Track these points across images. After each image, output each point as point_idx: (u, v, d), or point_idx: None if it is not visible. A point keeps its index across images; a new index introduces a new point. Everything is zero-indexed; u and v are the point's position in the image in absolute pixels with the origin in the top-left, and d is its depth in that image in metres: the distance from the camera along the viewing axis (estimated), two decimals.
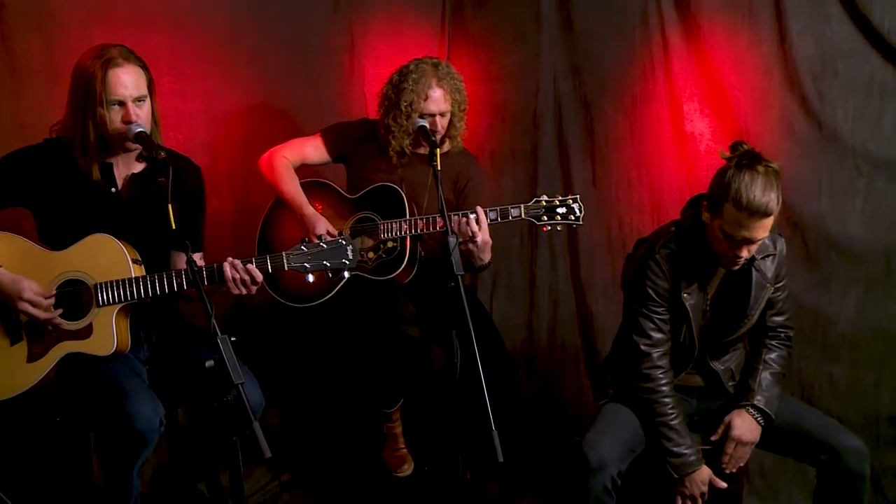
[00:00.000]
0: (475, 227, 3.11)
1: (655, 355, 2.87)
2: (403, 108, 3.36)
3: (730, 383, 3.02)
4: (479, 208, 3.15)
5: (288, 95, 3.96)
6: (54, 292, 2.71)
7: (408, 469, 3.56)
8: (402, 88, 3.37)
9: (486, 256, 3.22)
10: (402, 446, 3.57)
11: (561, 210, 3.22)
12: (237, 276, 2.67)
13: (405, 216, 3.33)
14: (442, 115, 3.39)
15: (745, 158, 2.66)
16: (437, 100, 3.36)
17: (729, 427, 2.92)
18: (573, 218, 3.22)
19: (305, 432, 3.88)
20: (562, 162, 4.18)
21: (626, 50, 4.01)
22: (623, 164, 4.08)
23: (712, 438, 2.96)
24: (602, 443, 2.83)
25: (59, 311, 2.70)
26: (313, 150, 3.51)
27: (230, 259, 2.68)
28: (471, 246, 3.13)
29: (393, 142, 3.42)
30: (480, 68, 4.21)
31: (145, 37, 3.47)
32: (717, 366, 3.00)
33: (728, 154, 2.72)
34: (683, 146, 3.97)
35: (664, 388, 2.85)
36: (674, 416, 2.84)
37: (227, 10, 3.80)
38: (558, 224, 3.23)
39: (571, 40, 4.12)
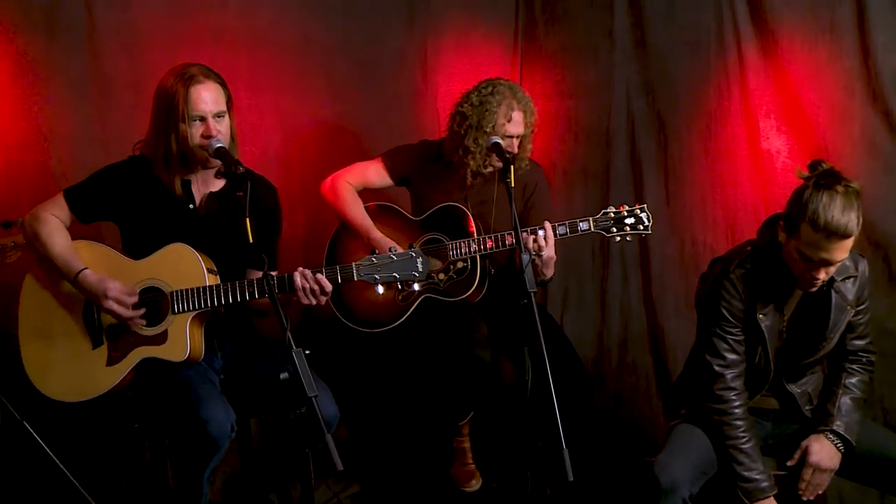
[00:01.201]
0: (542, 243, 3.12)
1: (729, 376, 2.80)
2: (487, 130, 3.33)
3: (807, 407, 2.94)
4: (546, 224, 3.14)
5: (361, 111, 4.02)
6: (137, 291, 2.79)
7: (476, 485, 3.54)
8: (484, 110, 3.35)
9: (549, 272, 3.23)
10: (471, 461, 3.56)
11: (629, 220, 3.22)
12: (307, 285, 2.72)
13: (473, 235, 3.33)
14: (518, 137, 3.39)
15: (823, 178, 2.59)
16: (518, 122, 3.37)
17: (806, 453, 2.83)
18: (642, 228, 3.22)
19: (374, 445, 3.89)
20: (634, 179, 4.15)
21: (700, 66, 3.97)
22: (697, 181, 4.03)
23: (788, 464, 2.87)
24: (674, 464, 2.77)
25: (143, 310, 2.78)
26: (375, 174, 3.53)
27: (301, 269, 2.73)
28: (536, 260, 3.12)
29: (472, 162, 3.40)
30: (553, 85, 4.22)
31: (224, 54, 3.58)
32: (794, 389, 2.92)
33: (806, 173, 2.65)
34: (759, 164, 3.89)
35: (737, 411, 2.78)
36: (745, 439, 2.77)
37: (303, 28, 3.89)
38: (628, 235, 3.24)
39: (645, 57, 4.11)
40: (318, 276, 2.72)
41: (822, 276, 2.64)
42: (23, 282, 2.90)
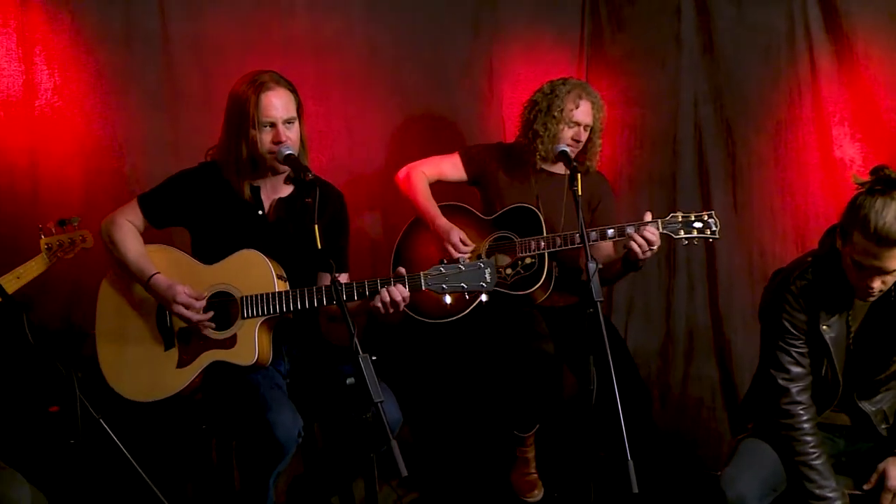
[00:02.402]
0: (651, 238, 3.17)
1: (794, 390, 2.73)
2: (555, 114, 3.43)
3: (882, 426, 2.83)
4: (648, 214, 3.21)
5: (427, 118, 4.06)
6: (206, 295, 2.84)
7: (538, 494, 3.53)
8: (554, 96, 3.45)
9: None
10: (534, 471, 3.55)
11: (697, 224, 3.22)
12: (387, 298, 2.74)
13: (542, 234, 3.37)
14: (586, 127, 3.45)
15: (879, 184, 2.50)
16: (586, 111, 3.45)
17: (885, 477, 2.73)
18: (709, 232, 3.23)
19: (437, 450, 3.90)
20: (701, 187, 4.10)
21: (770, 72, 3.91)
22: (766, 190, 3.97)
23: (865, 487, 2.78)
24: (741, 479, 2.71)
25: (211, 313, 2.84)
26: (451, 167, 3.58)
27: (385, 289, 2.74)
28: (641, 251, 3.18)
29: (540, 146, 3.47)
30: (619, 92, 4.20)
31: (292, 63, 3.64)
32: (867, 406, 2.82)
33: (862, 179, 2.57)
34: (831, 172, 3.80)
35: (805, 426, 2.71)
36: (815, 455, 2.69)
37: (370, 35, 3.94)
38: (695, 238, 3.24)
39: (713, 63, 4.06)
40: (398, 287, 2.74)
41: (878, 285, 2.54)
42: (100, 284, 2.98)
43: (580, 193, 2.94)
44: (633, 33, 4.22)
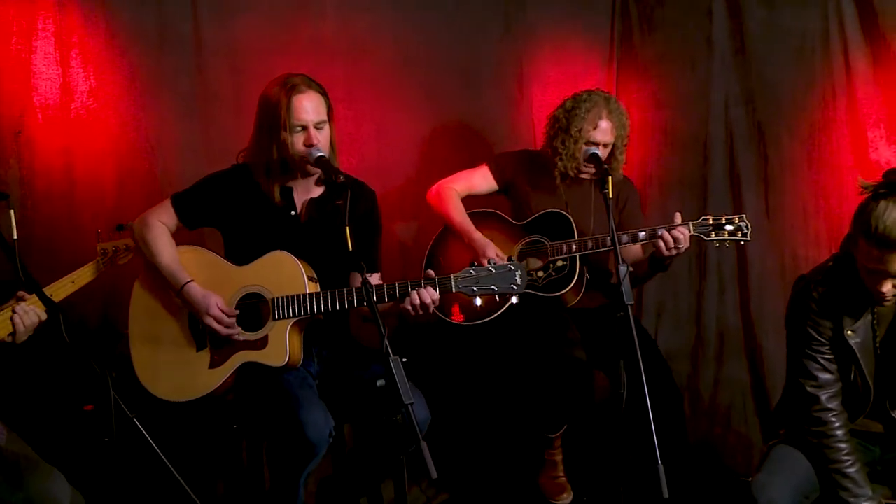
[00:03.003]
0: (679, 236, 3.21)
1: (824, 397, 2.69)
2: (573, 133, 3.43)
3: None
4: (678, 215, 3.24)
5: (457, 121, 4.06)
6: (236, 312, 2.87)
7: (567, 498, 3.52)
8: (574, 115, 3.45)
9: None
10: (562, 474, 3.54)
11: (728, 227, 3.24)
12: (416, 301, 2.74)
13: (573, 238, 3.38)
14: (605, 145, 3.45)
15: (884, 187, 2.47)
16: (605, 130, 3.44)
17: None
18: (741, 234, 3.24)
19: (465, 452, 3.90)
20: (733, 190, 4.07)
21: (804, 74, 3.88)
22: (799, 193, 3.94)
23: None
24: (772, 485, 2.68)
25: (239, 329, 2.86)
26: (481, 179, 3.58)
27: (415, 291, 2.75)
28: (673, 252, 3.23)
29: (559, 163, 3.49)
30: (649, 94, 4.18)
31: (323, 65, 3.66)
32: None
33: (867, 182, 2.53)
34: (867, 175, 3.68)
35: (838, 433, 2.67)
36: (849, 462, 2.65)
37: (400, 38, 3.95)
38: (727, 240, 3.25)
39: (745, 65, 4.04)
40: (428, 290, 2.74)
41: (889, 288, 2.50)
42: (133, 286, 3.00)
43: (611, 196, 2.94)
44: (663, 35, 4.20)
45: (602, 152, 3.44)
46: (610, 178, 2.97)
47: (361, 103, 3.87)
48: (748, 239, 3.25)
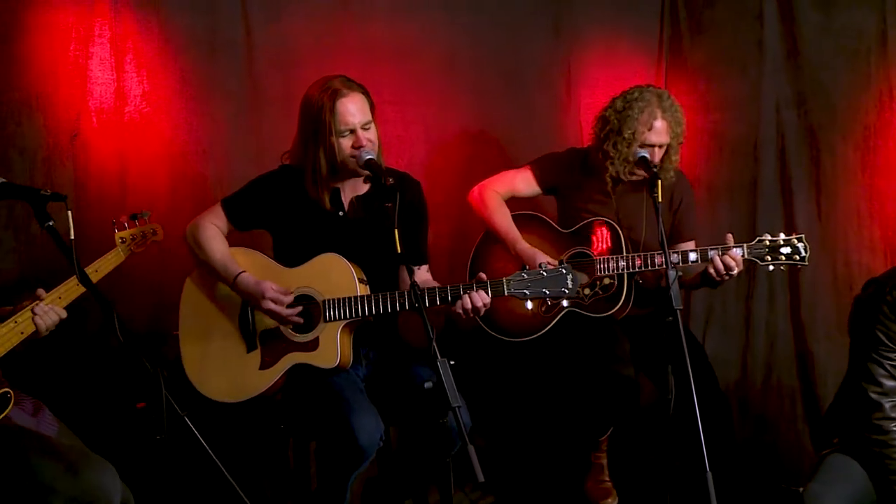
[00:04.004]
0: (732, 264, 3.11)
1: (888, 405, 2.64)
2: (626, 136, 3.29)
3: None
4: (729, 236, 3.16)
5: (504, 123, 4.05)
6: (293, 290, 2.87)
7: (612, 502, 3.48)
8: (626, 116, 3.30)
9: None
10: (607, 478, 3.51)
11: (785, 249, 3.14)
12: (468, 305, 2.74)
13: (622, 252, 3.29)
14: (661, 146, 3.32)
15: None
16: (660, 131, 3.29)
17: None
18: (798, 258, 3.14)
19: (510, 456, 3.89)
20: (784, 195, 4.02)
21: (859, 76, 3.82)
22: (852, 197, 3.87)
23: None
24: (826, 495, 2.63)
25: (299, 308, 2.87)
26: (523, 182, 3.52)
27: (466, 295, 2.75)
28: (726, 279, 3.16)
29: (610, 168, 3.36)
30: (698, 97, 4.14)
31: (371, 67, 3.68)
32: None
33: None
34: None
35: None
36: None
37: (448, 40, 3.96)
38: (782, 264, 3.16)
39: (797, 68, 3.99)
40: (479, 294, 2.73)
41: None
42: (183, 286, 3.05)
43: (660, 200, 2.90)
44: (712, 38, 4.15)
45: (657, 154, 3.31)
46: (659, 181, 2.92)
47: (410, 105, 3.89)
48: (805, 263, 3.13)
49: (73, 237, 2.30)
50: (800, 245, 3.12)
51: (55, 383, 3.13)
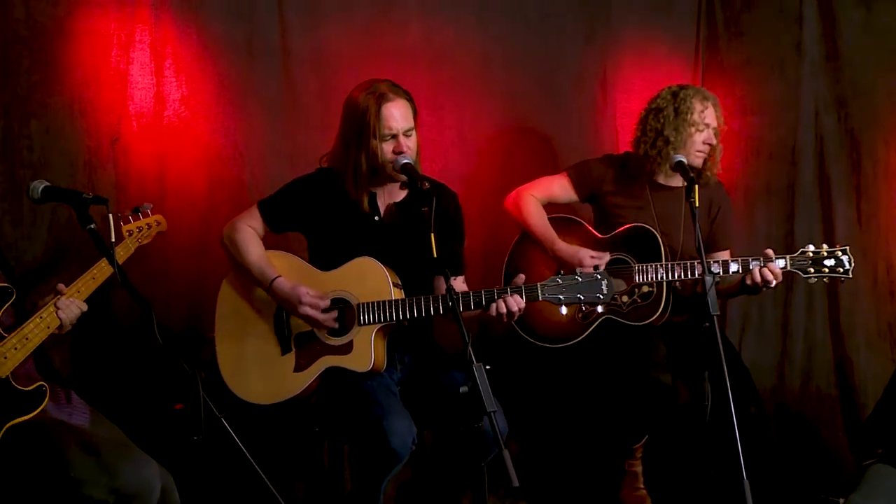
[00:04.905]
0: (769, 278, 3.11)
1: None
2: (686, 117, 3.32)
3: None
4: (770, 251, 3.13)
5: (539, 127, 4.04)
6: (329, 294, 2.88)
7: None
8: (680, 100, 3.34)
9: None
10: (642, 486, 3.48)
11: (829, 262, 3.11)
12: (503, 309, 2.72)
13: (661, 260, 3.27)
14: (714, 130, 3.35)
15: None
16: (712, 113, 3.35)
17: None
18: (841, 271, 3.11)
19: (544, 462, 3.87)
20: (822, 199, 3.97)
21: None
22: (894, 202, 3.80)
23: None
24: None
25: (335, 312, 2.88)
26: (560, 188, 3.51)
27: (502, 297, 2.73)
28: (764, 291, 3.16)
29: (672, 153, 3.31)
30: (735, 101, 4.10)
31: (406, 72, 3.68)
32: None
33: None
34: None
35: None
36: None
37: (482, 44, 3.96)
38: (825, 277, 3.13)
39: (837, 70, 3.95)
40: (514, 297, 2.72)
41: None
42: (219, 288, 3.07)
43: (697, 205, 2.88)
44: (750, 40, 4.12)
45: (713, 139, 3.33)
46: (696, 186, 2.90)
47: (444, 110, 3.89)
48: (849, 276, 3.09)
49: (113, 240, 2.33)
50: (844, 258, 3.08)
51: (95, 383, 3.18)
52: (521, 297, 2.73)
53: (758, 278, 3.10)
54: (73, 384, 2.70)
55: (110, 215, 2.33)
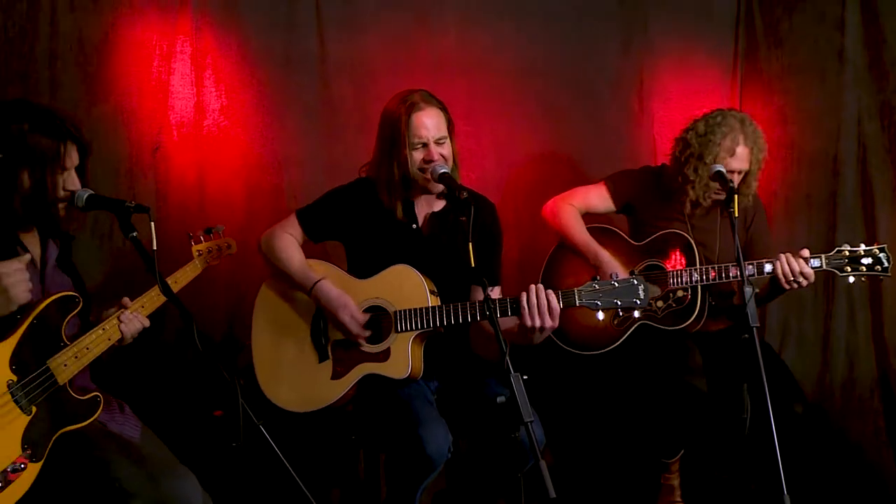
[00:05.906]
0: (797, 268, 3.06)
1: None
2: (707, 161, 3.26)
3: None
4: (805, 252, 3.09)
5: (576, 137, 4.03)
6: (366, 302, 2.90)
7: None
8: (707, 140, 3.27)
9: None
10: (679, 499, 3.43)
11: (866, 260, 3.04)
12: (533, 300, 2.68)
13: (695, 265, 3.24)
14: (740, 173, 3.29)
15: None
16: (741, 158, 3.27)
17: None
18: (879, 269, 3.04)
19: (580, 474, 3.85)
20: (865, 209, 3.90)
21: None
22: None
23: None
24: None
25: (369, 332, 2.90)
26: (598, 198, 3.50)
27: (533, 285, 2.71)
28: (794, 287, 3.09)
29: (691, 192, 3.32)
30: (775, 110, 4.06)
31: (443, 82, 3.71)
32: None
33: None
34: None
35: None
36: None
37: (519, 53, 3.96)
38: (863, 275, 3.06)
39: (880, 78, 3.88)
40: (549, 292, 2.68)
41: None
42: (256, 295, 3.09)
43: (736, 215, 2.85)
44: (790, 48, 4.07)
45: (735, 179, 3.26)
46: (736, 196, 2.87)
47: (481, 119, 3.90)
48: (888, 275, 3.03)
49: (155, 248, 2.37)
50: (882, 255, 3.02)
51: (137, 392, 3.22)
52: (559, 301, 2.69)
53: (786, 268, 3.04)
54: (125, 396, 2.74)
55: (152, 224, 2.36)
